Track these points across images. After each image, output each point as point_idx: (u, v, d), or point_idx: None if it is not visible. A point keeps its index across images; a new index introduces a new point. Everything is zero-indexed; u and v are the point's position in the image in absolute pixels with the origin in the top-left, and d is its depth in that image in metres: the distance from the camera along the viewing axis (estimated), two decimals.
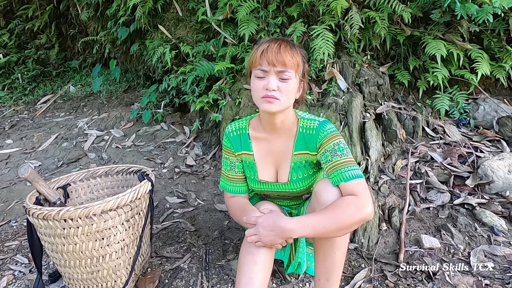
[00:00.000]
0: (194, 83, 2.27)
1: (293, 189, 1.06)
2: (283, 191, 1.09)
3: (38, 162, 2.29)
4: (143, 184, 1.09)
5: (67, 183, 1.25)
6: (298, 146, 1.01)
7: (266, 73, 0.90)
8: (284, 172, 1.05)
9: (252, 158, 1.05)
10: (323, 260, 0.97)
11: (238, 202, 1.07)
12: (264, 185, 1.08)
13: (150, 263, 1.32)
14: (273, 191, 1.09)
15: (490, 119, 1.95)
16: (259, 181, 1.07)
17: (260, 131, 1.04)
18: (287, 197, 1.14)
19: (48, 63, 3.81)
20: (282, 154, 1.04)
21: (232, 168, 1.09)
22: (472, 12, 1.65)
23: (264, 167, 1.06)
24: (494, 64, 1.90)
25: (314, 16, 2.03)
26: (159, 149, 2.33)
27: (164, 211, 1.72)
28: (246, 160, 1.08)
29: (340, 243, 0.95)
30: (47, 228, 0.97)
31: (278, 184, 1.07)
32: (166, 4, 2.47)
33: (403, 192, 1.60)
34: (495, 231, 1.37)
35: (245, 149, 1.07)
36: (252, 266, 0.92)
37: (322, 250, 0.97)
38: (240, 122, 1.09)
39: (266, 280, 0.95)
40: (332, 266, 0.96)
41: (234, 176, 1.10)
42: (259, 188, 1.10)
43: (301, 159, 1.02)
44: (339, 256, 0.96)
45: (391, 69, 2.10)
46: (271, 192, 1.11)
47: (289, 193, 1.08)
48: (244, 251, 0.96)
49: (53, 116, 3.07)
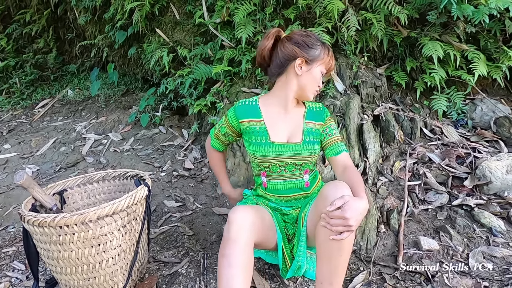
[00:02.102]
0: (192, 86, 2.27)
1: (305, 150, 1.10)
2: (292, 154, 1.10)
3: (36, 167, 2.29)
4: (139, 189, 1.08)
5: (63, 189, 1.25)
6: (308, 116, 1.16)
7: (324, 76, 1.13)
8: (298, 133, 1.13)
9: (262, 123, 1.12)
10: (328, 262, 0.95)
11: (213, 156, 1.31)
12: (276, 147, 1.10)
13: (148, 269, 1.32)
14: (283, 155, 1.10)
15: (487, 120, 1.95)
16: (271, 143, 1.10)
17: (272, 105, 1.15)
18: (292, 165, 1.12)
19: (46, 67, 3.81)
20: (294, 120, 1.14)
21: (220, 130, 1.23)
22: (468, 13, 1.65)
23: (276, 129, 1.12)
24: (490, 65, 1.90)
25: (311, 18, 2.03)
26: (157, 153, 2.33)
27: (162, 215, 1.72)
28: (253, 127, 1.13)
29: (347, 245, 0.93)
30: (43, 235, 0.96)
31: (290, 145, 1.10)
32: (163, 8, 2.47)
33: (401, 193, 1.60)
34: (493, 232, 1.37)
35: (252, 116, 1.14)
36: (227, 269, 0.89)
37: (328, 252, 0.94)
38: (250, 98, 1.19)
39: (246, 282, 0.90)
40: (336, 269, 0.95)
41: (220, 135, 1.24)
42: (269, 152, 1.10)
43: (311, 126, 1.15)
44: (344, 259, 0.94)
45: (389, 71, 2.11)
46: (280, 158, 1.10)
47: (298, 156, 1.10)
48: (220, 255, 0.92)
49: (51, 120, 3.06)
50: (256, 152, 1.12)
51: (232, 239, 0.91)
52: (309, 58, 1.07)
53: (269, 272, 1.27)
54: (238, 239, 0.91)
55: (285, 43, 1.09)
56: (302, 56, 1.07)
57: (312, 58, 1.07)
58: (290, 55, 1.08)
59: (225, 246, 0.92)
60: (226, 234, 0.93)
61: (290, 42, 1.09)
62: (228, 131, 1.20)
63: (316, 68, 1.09)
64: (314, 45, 1.08)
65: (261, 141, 1.11)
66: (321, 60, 1.09)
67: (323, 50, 1.09)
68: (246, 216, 0.95)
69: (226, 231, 0.94)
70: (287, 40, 1.10)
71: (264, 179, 1.18)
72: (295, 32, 1.11)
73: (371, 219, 1.42)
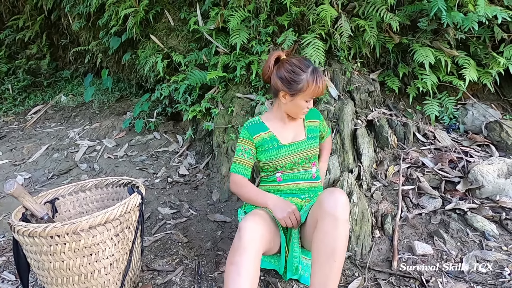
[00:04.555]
0: (186, 92, 2.27)
1: (310, 144, 1.29)
2: (301, 150, 1.28)
3: (28, 174, 2.25)
4: (132, 197, 1.07)
5: (55, 197, 1.23)
6: (307, 117, 1.34)
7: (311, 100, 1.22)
8: (301, 132, 1.32)
9: (270, 133, 1.29)
10: (322, 267, 0.96)
11: (243, 183, 1.25)
12: (287, 147, 1.27)
13: (141, 277, 1.30)
14: (294, 152, 1.27)
15: (479, 124, 1.98)
16: (282, 145, 1.27)
17: (273, 120, 1.31)
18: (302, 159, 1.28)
19: (39, 73, 3.78)
20: (294, 125, 1.32)
21: (242, 153, 1.28)
22: (458, 20, 1.69)
23: (283, 134, 1.29)
24: (481, 70, 1.94)
25: (305, 25, 2.05)
26: (152, 159, 2.31)
27: (156, 222, 1.70)
28: (264, 138, 1.28)
29: (341, 251, 0.95)
30: (33, 245, 0.94)
31: (297, 143, 1.28)
32: (157, 14, 2.48)
33: (395, 198, 1.61)
34: (486, 236, 1.38)
35: (261, 131, 1.29)
36: (236, 277, 0.91)
37: (322, 257, 0.96)
38: (253, 118, 1.35)
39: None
40: (330, 275, 0.95)
41: (242, 160, 1.27)
42: (283, 153, 1.26)
43: (312, 124, 1.35)
44: (338, 265, 0.95)
45: (381, 76, 2.13)
46: (292, 155, 1.26)
47: (306, 151, 1.28)
48: (228, 262, 0.95)
49: (44, 126, 3.03)
50: (272, 156, 1.26)
51: (242, 247, 0.94)
52: (290, 92, 1.17)
53: (264, 280, 1.27)
54: (249, 247, 0.94)
55: (274, 73, 1.20)
56: (283, 90, 1.18)
57: (294, 91, 1.17)
58: (275, 87, 1.21)
59: (235, 254, 0.94)
60: (237, 242, 0.95)
61: (278, 73, 1.19)
62: (250, 147, 1.28)
63: (298, 99, 1.19)
64: (297, 80, 1.15)
65: (274, 146, 1.27)
66: (303, 92, 1.16)
67: (308, 81, 1.15)
68: (257, 227, 0.99)
69: (237, 239, 0.96)
70: (277, 69, 1.20)
71: (279, 175, 1.29)
72: (286, 62, 1.18)
73: (366, 225, 1.42)
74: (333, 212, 0.95)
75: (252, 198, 1.20)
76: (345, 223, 0.96)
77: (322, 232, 0.97)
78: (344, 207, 0.97)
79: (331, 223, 0.95)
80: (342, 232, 0.95)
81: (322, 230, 0.97)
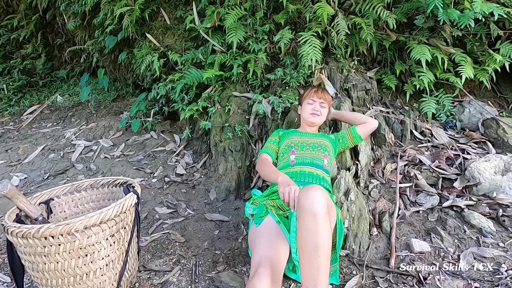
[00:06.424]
0: (183, 91, 2.26)
1: (321, 135, 1.59)
2: (314, 136, 1.57)
3: (24, 175, 2.23)
4: (128, 197, 1.06)
5: (50, 198, 1.22)
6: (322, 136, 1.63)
7: (314, 102, 1.62)
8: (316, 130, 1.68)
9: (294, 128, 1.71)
10: (308, 263, 0.97)
11: (265, 159, 1.50)
12: (302, 132, 1.61)
13: (138, 278, 1.29)
14: (308, 136, 1.57)
15: (475, 121, 1.98)
16: (299, 131, 1.62)
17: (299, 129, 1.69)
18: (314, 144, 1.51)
19: (35, 73, 3.75)
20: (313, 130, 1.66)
21: (270, 142, 1.62)
22: (454, 18, 1.69)
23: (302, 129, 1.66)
24: (477, 68, 1.94)
25: (301, 23, 2.05)
26: (149, 158, 2.30)
27: (153, 222, 1.69)
28: (288, 130, 1.67)
29: (324, 245, 0.96)
30: (27, 247, 0.93)
31: (311, 133, 1.62)
32: (153, 13, 2.46)
33: (393, 196, 1.61)
34: (483, 232, 1.38)
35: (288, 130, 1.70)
36: None
37: (306, 253, 0.97)
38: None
39: None
40: (318, 271, 0.96)
41: (269, 145, 1.60)
42: (298, 134, 1.59)
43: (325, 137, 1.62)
44: (323, 259, 0.96)
45: (378, 74, 2.13)
46: (305, 138, 1.56)
47: (317, 139, 1.56)
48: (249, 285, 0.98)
49: (40, 127, 3.00)
50: (290, 134, 1.59)
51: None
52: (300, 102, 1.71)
53: None
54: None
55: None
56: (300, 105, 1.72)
57: (301, 101, 1.70)
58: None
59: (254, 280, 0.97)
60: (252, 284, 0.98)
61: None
62: (275, 138, 1.64)
63: (304, 104, 1.65)
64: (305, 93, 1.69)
65: (293, 131, 1.63)
66: (305, 97, 1.65)
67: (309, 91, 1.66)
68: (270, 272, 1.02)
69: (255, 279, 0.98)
70: None
71: (293, 157, 1.48)
72: None
73: (364, 222, 1.42)
74: (311, 209, 0.97)
75: (269, 173, 1.36)
76: (324, 218, 0.97)
77: (304, 230, 0.98)
78: (322, 202, 0.97)
79: (311, 219, 0.96)
80: (323, 227, 0.96)
81: (304, 228, 0.98)
